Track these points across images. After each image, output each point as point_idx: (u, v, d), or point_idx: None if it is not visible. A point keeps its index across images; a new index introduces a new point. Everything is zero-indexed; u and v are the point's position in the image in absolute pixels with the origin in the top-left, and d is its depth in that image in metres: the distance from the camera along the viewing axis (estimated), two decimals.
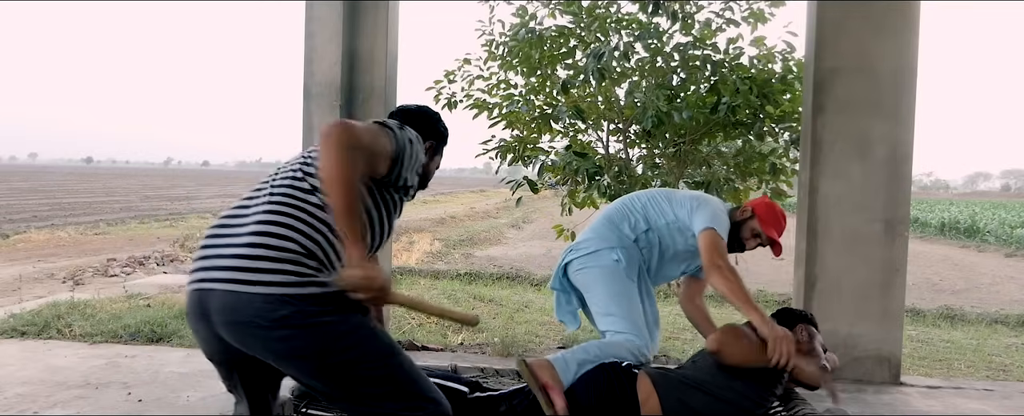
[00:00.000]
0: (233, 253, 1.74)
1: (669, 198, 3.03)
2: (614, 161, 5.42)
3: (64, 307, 5.53)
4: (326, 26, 4.41)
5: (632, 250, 2.95)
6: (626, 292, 2.88)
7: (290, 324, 1.69)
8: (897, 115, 4.13)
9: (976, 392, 4.09)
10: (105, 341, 4.66)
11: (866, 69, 4.14)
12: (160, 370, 4.00)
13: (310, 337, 1.71)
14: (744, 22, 5.07)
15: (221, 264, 1.75)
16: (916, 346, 5.91)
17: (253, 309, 1.69)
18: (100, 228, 16.90)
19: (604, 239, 2.98)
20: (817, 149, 4.19)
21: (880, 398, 3.87)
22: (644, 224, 2.99)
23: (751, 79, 4.81)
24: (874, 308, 4.15)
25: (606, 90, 5.33)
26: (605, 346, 2.76)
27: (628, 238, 2.97)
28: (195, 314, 1.80)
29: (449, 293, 7.58)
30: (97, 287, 7.61)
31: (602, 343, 2.79)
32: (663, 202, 3.02)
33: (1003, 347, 6.17)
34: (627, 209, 3.06)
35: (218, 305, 1.73)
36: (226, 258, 1.75)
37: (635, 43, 5.05)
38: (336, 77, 4.39)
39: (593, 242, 3.00)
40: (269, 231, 1.75)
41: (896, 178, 4.15)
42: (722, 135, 5.26)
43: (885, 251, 4.14)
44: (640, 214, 3.02)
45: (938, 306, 8.61)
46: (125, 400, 3.48)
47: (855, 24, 4.14)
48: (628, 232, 2.98)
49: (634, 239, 2.97)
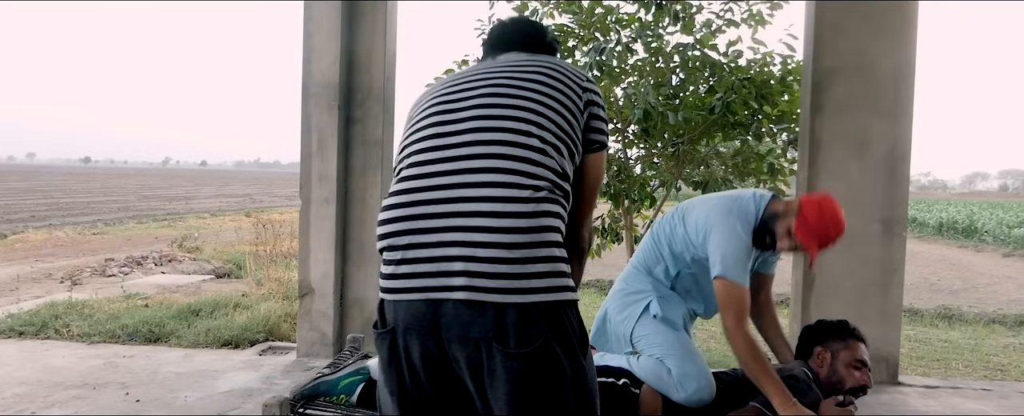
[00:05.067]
0: (477, 255, 1.44)
1: (685, 219, 2.71)
2: (613, 161, 5.42)
3: (62, 307, 5.53)
4: (324, 26, 4.41)
5: (671, 300, 2.72)
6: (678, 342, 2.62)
7: (542, 340, 1.45)
8: (895, 115, 4.14)
9: (974, 392, 4.10)
10: (103, 341, 4.66)
11: (864, 69, 4.14)
12: (158, 370, 4.00)
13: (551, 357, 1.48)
14: (744, 24, 5.07)
15: (460, 268, 1.44)
16: (914, 346, 5.92)
17: (506, 321, 1.44)
18: (98, 228, 16.89)
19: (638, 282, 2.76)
20: (815, 149, 4.20)
21: (878, 398, 3.87)
22: (674, 267, 2.73)
23: (750, 80, 4.81)
24: (872, 308, 4.15)
25: (605, 89, 5.33)
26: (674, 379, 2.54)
27: (664, 285, 2.74)
28: (418, 326, 1.50)
29: None
30: (95, 287, 7.60)
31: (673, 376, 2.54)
32: (680, 229, 2.71)
33: (1001, 347, 6.18)
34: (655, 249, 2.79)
35: (455, 314, 1.44)
36: (466, 260, 1.45)
37: (635, 42, 5.05)
38: (334, 77, 4.39)
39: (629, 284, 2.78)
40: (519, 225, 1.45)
41: (894, 178, 4.15)
42: (721, 135, 5.26)
43: (883, 251, 4.14)
44: (667, 254, 2.75)
45: (936, 306, 8.63)
46: (123, 400, 3.47)
47: (853, 24, 4.14)
48: (663, 279, 2.74)
49: (670, 286, 2.74)
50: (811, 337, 2.74)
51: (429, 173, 1.51)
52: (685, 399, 2.48)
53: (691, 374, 2.51)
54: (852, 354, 2.63)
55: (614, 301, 2.81)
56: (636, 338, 2.67)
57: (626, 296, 2.76)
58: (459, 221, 1.44)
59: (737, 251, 2.49)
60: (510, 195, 1.44)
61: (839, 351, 2.64)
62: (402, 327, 1.50)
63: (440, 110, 1.59)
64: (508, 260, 1.41)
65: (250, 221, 12.46)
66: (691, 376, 2.51)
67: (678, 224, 2.71)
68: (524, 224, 1.43)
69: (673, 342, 2.59)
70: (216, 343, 4.68)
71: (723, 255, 2.48)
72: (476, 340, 1.43)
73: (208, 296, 6.37)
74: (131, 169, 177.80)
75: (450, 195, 1.47)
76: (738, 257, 2.49)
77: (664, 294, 2.72)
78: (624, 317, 2.72)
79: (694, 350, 2.63)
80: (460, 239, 1.43)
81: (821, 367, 2.62)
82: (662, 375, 2.53)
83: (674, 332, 2.63)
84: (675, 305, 2.71)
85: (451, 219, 1.45)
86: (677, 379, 2.51)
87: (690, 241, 2.66)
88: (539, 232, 1.44)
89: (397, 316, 1.51)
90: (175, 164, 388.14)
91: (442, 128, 1.55)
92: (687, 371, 2.51)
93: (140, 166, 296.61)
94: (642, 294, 2.72)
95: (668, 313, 2.66)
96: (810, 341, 2.73)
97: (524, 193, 1.45)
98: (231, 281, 8.56)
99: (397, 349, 1.52)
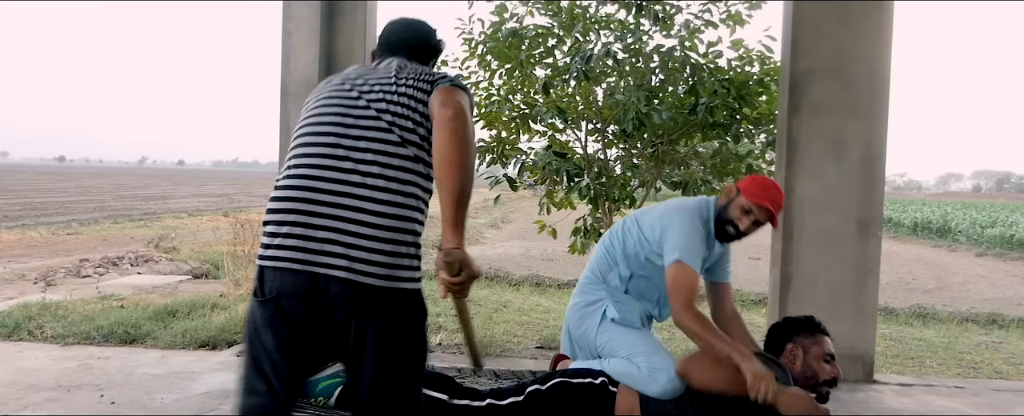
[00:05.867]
0: (355, 243, 1.72)
1: (639, 221, 2.87)
2: (593, 161, 5.43)
3: (35, 308, 5.44)
4: (304, 25, 4.38)
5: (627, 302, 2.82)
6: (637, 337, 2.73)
7: (405, 317, 1.79)
8: (871, 116, 4.19)
9: (947, 390, 4.16)
10: (77, 343, 4.59)
11: (841, 70, 4.19)
12: (134, 371, 3.95)
13: (414, 332, 1.83)
14: (723, 24, 5.11)
15: (340, 251, 1.71)
16: (889, 344, 5.99)
17: (383, 301, 1.74)
18: (73, 228, 16.65)
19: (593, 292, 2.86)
20: (792, 150, 4.24)
21: (854, 396, 3.92)
22: (627, 270, 2.85)
23: (729, 81, 4.85)
24: (848, 307, 4.20)
25: (586, 90, 5.35)
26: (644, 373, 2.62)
27: (619, 289, 2.85)
28: (299, 294, 1.74)
29: (428, 293, 7.50)
30: (69, 288, 7.50)
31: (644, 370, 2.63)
32: (634, 229, 2.86)
33: (974, 345, 6.27)
34: (607, 256, 2.91)
35: (339, 291, 1.72)
36: (345, 245, 1.71)
37: (615, 44, 5.07)
38: (314, 76, 4.36)
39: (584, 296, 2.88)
40: (388, 224, 1.74)
41: (870, 178, 4.20)
42: (700, 136, 5.30)
43: (859, 251, 4.19)
44: (619, 257, 2.86)
45: (910, 305, 8.75)
46: (98, 402, 3.43)
47: (831, 25, 4.19)
48: (617, 284, 2.85)
49: (624, 290, 2.85)
50: (780, 334, 2.79)
51: (320, 165, 1.78)
52: (659, 392, 2.54)
53: (660, 367, 2.58)
54: (822, 348, 2.71)
55: (572, 316, 2.90)
56: (600, 346, 2.75)
57: (582, 309, 2.84)
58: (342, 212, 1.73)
59: (695, 243, 2.67)
60: (381, 197, 1.73)
61: (809, 346, 2.71)
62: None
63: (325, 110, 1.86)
64: (378, 250, 1.71)
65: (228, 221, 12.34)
66: (661, 369, 2.58)
67: (632, 226, 2.84)
68: (391, 222, 1.74)
69: (636, 340, 2.68)
70: (193, 344, 4.63)
71: (680, 244, 2.65)
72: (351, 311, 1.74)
73: (185, 297, 6.30)
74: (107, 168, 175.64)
75: (336, 188, 1.74)
76: (695, 246, 2.67)
77: (619, 298, 2.80)
78: (584, 330, 2.81)
79: (659, 344, 2.72)
80: (341, 227, 1.72)
81: (793, 363, 2.68)
82: (633, 373, 2.60)
83: (635, 331, 2.73)
84: (631, 306, 2.79)
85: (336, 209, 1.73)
86: (647, 374, 2.58)
87: (645, 239, 2.78)
88: (402, 231, 1.75)
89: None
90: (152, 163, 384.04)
91: (330, 128, 1.81)
92: (656, 365, 2.59)
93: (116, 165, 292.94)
94: (597, 303, 2.80)
95: (625, 314, 2.75)
96: (780, 338, 2.78)
97: (392, 197, 1.75)
98: (208, 282, 8.47)
99: (278, 314, 1.77)
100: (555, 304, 7.42)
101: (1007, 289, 12.47)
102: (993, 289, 12.42)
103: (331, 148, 1.78)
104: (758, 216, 2.74)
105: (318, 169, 1.77)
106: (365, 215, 1.72)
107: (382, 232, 1.72)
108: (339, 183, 1.74)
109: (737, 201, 2.76)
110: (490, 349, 4.74)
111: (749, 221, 2.76)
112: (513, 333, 5.53)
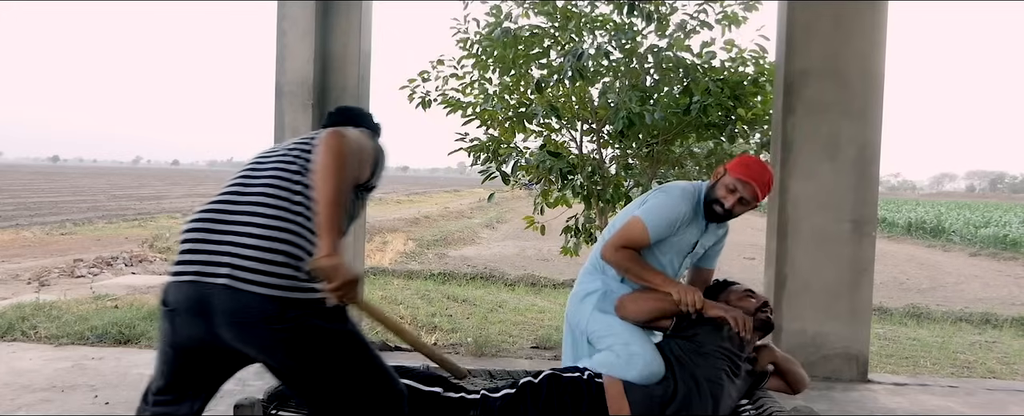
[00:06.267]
0: (241, 253, 1.80)
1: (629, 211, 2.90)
2: (587, 161, 5.44)
3: (29, 309, 5.42)
4: (298, 25, 4.38)
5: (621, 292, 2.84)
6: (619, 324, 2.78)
7: (297, 325, 1.80)
8: (865, 117, 4.20)
9: (941, 389, 4.17)
10: (71, 343, 4.58)
11: (835, 71, 4.20)
12: (128, 372, 3.95)
13: (311, 337, 1.83)
14: (718, 24, 5.12)
15: (227, 261, 1.80)
16: (883, 344, 6.01)
17: (265, 309, 1.78)
18: (66, 228, 16.60)
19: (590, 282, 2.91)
20: (787, 150, 4.25)
21: (848, 395, 3.93)
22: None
23: (723, 81, 4.86)
24: (842, 307, 4.21)
25: (580, 90, 5.34)
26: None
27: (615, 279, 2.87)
28: (190, 307, 1.83)
29: (422, 293, 7.56)
30: (63, 288, 7.48)
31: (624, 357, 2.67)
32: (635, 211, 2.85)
33: (967, 344, 6.30)
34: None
35: (225, 301, 1.79)
36: (232, 256, 1.80)
37: (609, 43, 5.07)
38: (309, 76, 4.36)
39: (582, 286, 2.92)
40: (275, 235, 1.82)
41: (864, 179, 4.22)
42: (694, 136, 5.30)
43: (853, 250, 4.21)
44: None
45: (904, 304, 8.78)
46: (92, 403, 3.42)
47: (825, 27, 4.20)
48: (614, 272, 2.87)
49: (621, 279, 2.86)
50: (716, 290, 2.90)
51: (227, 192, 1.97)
52: (637, 377, 2.58)
53: (636, 353, 2.63)
54: (737, 291, 2.84)
55: (570, 305, 2.94)
56: (590, 333, 2.82)
57: (579, 302, 2.88)
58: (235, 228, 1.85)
59: (666, 210, 2.75)
60: (269, 213, 1.85)
61: (728, 297, 2.83)
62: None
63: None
64: (260, 259, 1.78)
65: None
66: (637, 355, 2.62)
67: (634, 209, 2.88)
68: (276, 233, 1.82)
69: (617, 328, 2.73)
70: None
71: (649, 210, 2.75)
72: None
73: None
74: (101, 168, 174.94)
75: (232, 208, 1.89)
76: (663, 214, 2.74)
77: (614, 288, 2.84)
78: (578, 319, 2.87)
79: (639, 332, 2.74)
80: (230, 239, 1.83)
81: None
82: (613, 361, 2.65)
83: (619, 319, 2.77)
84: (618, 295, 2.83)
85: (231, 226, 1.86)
86: (626, 360, 2.62)
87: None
88: (288, 243, 1.82)
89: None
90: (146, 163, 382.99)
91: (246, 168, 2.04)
92: (632, 351, 2.64)
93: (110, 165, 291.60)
94: (592, 294, 2.84)
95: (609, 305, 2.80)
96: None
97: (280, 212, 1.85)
98: None
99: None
100: (550, 304, 7.43)
101: (1000, 289, 12.53)
102: (986, 289, 12.47)
103: (240, 181, 1.96)
104: (743, 193, 2.77)
105: (224, 197, 1.94)
106: (252, 228, 1.82)
107: (266, 243, 1.80)
108: (237, 204, 1.89)
109: (723, 180, 2.81)
110: (485, 349, 4.73)
111: (734, 199, 2.78)
112: (508, 333, 5.53)
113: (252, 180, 1.94)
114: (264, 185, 1.91)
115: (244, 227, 1.83)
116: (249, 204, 1.87)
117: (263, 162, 2.00)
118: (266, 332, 1.79)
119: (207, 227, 1.88)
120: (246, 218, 1.85)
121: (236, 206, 1.89)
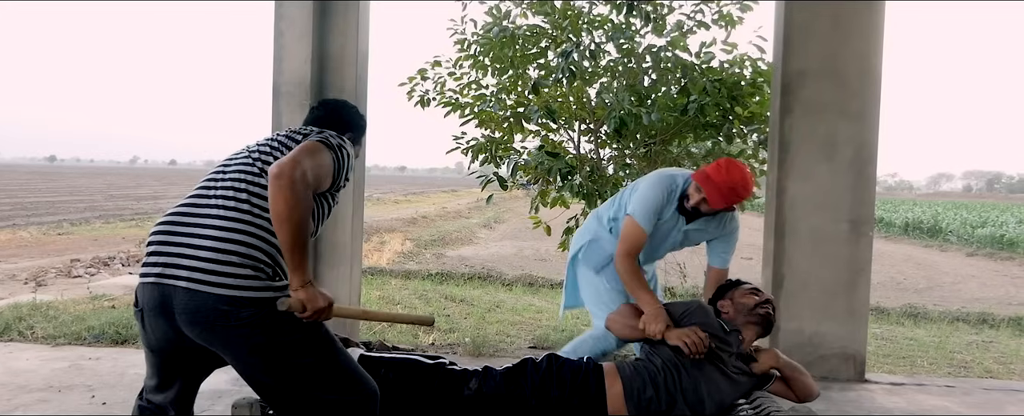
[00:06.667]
0: (198, 255, 1.88)
1: (635, 186, 3.19)
2: (585, 161, 5.44)
3: (26, 309, 5.41)
4: (296, 25, 4.37)
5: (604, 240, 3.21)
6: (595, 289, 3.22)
7: (253, 323, 1.87)
8: (863, 117, 4.21)
9: (938, 389, 4.18)
10: (68, 343, 4.57)
11: (833, 71, 4.21)
12: (125, 372, 3.94)
13: (269, 335, 1.90)
14: (715, 25, 5.12)
15: (185, 263, 1.88)
16: (880, 344, 6.02)
17: (220, 308, 1.85)
18: (63, 228, 16.58)
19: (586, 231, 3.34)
20: (784, 150, 4.25)
21: (845, 395, 3.94)
22: (616, 214, 3.21)
23: (721, 81, 4.86)
24: (840, 307, 4.22)
25: (577, 90, 5.35)
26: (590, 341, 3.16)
27: (605, 228, 3.22)
28: (154, 307, 1.92)
29: (420, 293, 7.56)
30: (60, 288, 7.47)
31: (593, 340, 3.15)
32: (628, 192, 3.21)
33: (964, 344, 6.31)
34: (612, 202, 3.31)
35: (184, 301, 1.87)
36: (190, 258, 1.88)
37: (607, 43, 5.08)
38: (306, 76, 4.35)
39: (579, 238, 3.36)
40: (232, 237, 1.89)
41: (861, 179, 4.22)
42: (692, 136, 5.30)
43: (850, 250, 4.21)
44: (618, 204, 3.23)
45: (902, 304, 8.78)
46: (89, 403, 3.42)
47: (822, 27, 4.21)
48: (606, 223, 3.23)
49: (609, 229, 3.20)
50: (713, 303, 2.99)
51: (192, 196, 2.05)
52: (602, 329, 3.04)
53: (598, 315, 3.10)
54: (743, 288, 2.93)
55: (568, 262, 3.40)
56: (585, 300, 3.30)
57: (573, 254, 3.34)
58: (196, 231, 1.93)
59: (649, 205, 2.98)
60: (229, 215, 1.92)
61: (733, 294, 2.92)
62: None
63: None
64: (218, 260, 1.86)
65: None
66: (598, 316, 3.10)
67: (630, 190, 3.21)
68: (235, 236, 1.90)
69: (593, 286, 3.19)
70: None
71: (636, 202, 3.01)
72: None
73: None
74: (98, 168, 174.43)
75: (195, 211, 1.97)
76: (648, 209, 2.98)
77: (599, 236, 3.23)
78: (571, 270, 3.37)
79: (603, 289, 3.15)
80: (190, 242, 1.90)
81: (728, 312, 2.87)
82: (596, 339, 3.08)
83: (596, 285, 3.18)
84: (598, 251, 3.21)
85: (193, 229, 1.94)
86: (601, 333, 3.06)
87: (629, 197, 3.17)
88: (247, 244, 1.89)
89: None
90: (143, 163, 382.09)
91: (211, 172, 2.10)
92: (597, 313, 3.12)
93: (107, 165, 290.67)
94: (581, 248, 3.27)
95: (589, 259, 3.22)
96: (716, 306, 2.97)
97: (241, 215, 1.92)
98: None
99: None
100: (548, 304, 7.43)
101: (997, 289, 12.55)
102: (983, 289, 12.49)
103: (205, 185, 2.03)
104: (703, 195, 2.93)
105: (188, 200, 2.01)
106: (211, 230, 1.90)
107: (223, 244, 1.87)
108: (199, 207, 1.97)
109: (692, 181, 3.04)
110: (483, 349, 4.74)
111: (698, 198, 2.95)
112: (506, 333, 5.53)
113: (215, 184, 2.01)
114: (226, 188, 1.98)
115: (204, 229, 1.91)
116: (210, 207, 1.95)
117: (227, 166, 2.07)
118: (224, 331, 1.87)
119: (170, 230, 1.96)
120: (206, 220, 1.92)
121: (198, 208, 1.97)
